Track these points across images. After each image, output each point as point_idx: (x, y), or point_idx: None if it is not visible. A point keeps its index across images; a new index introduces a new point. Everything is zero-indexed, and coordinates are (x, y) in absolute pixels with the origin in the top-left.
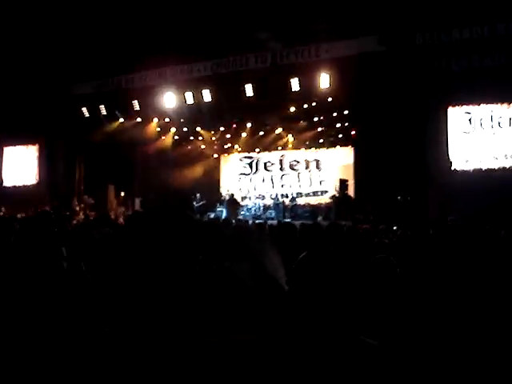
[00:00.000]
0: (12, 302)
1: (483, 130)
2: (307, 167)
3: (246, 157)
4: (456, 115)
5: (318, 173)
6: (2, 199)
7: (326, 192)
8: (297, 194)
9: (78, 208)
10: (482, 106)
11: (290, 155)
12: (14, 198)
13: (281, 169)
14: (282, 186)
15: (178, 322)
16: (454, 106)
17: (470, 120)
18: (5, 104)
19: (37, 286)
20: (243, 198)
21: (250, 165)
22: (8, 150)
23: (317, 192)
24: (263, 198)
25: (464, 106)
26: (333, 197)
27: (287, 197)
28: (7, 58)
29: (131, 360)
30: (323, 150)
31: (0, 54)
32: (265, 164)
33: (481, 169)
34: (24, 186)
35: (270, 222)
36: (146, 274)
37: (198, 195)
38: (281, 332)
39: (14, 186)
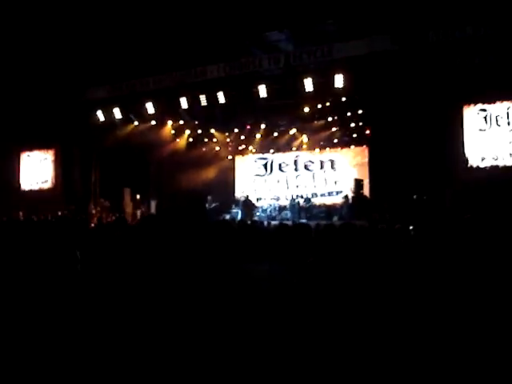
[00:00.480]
0: (26, 301)
1: (499, 127)
2: (322, 167)
3: (260, 158)
4: (471, 113)
5: (333, 173)
6: (20, 203)
7: (341, 192)
8: (312, 194)
9: (94, 211)
10: (498, 103)
11: (305, 156)
12: (31, 202)
13: (295, 169)
14: (297, 186)
15: (188, 319)
16: (469, 103)
17: (485, 117)
18: (21, 109)
19: (52, 288)
20: (258, 199)
21: (265, 166)
22: (25, 155)
23: (332, 192)
24: (278, 198)
25: (479, 104)
26: (345, 197)
27: (302, 197)
28: (23, 64)
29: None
30: (338, 150)
31: (16, 61)
32: (279, 165)
33: (497, 166)
34: (41, 190)
35: (285, 222)
36: (158, 274)
37: (209, 198)
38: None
39: (31, 190)
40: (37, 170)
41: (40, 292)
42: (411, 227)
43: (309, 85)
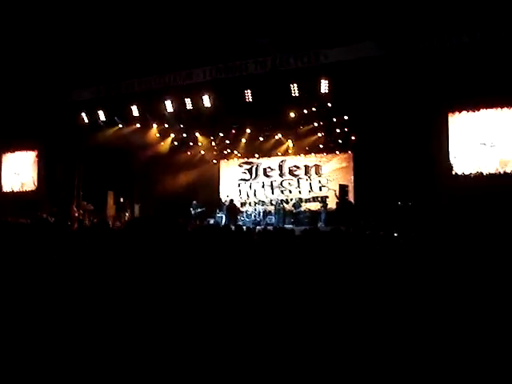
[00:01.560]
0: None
1: (484, 134)
2: (307, 173)
3: (245, 162)
4: (457, 119)
5: (318, 178)
6: (1, 205)
7: (327, 197)
8: (297, 199)
9: (76, 214)
10: (483, 110)
11: (290, 161)
12: (13, 205)
13: (280, 174)
14: (282, 191)
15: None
16: (454, 110)
17: (471, 124)
18: (3, 110)
19: (28, 292)
20: (243, 204)
21: (250, 170)
22: (6, 156)
23: (317, 197)
24: (263, 203)
25: (464, 111)
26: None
27: (287, 202)
28: (7, 64)
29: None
30: (323, 156)
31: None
32: (264, 170)
33: (482, 173)
34: (23, 192)
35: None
36: (137, 279)
37: (194, 202)
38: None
39: (13, 192)
40: (19, 171)
41: (13, 295)
42: (395, 234)
43: (295, 90)
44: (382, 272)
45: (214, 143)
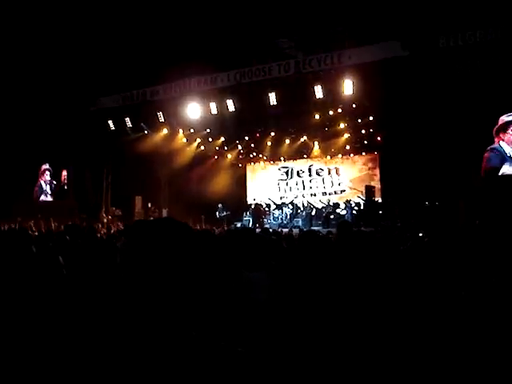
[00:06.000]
0: (14, 305)
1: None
2: (333, 174)
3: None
4: (484, 118)
5: (344, 179)
6: (36, 213)
7: (351, 199)
8: (327, 200)
9: (105, 220)
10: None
11: (317, 163)
12: (46, 212)
13: (310, 175)
14: (312, 194)
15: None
16: (481, 108)
17: (498, 123)
18: (35, 122)
19: (37, 290)
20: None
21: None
22: (41, 166)
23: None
24: (286, 205)
25: (492, 109)
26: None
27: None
28: (36, 77)
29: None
30: (349, 157)
31: (29, 74)
32: (296, 171)
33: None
34: (55, 200)
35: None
36: (145, 283)
37: (220, 205)
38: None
39: (46, 201)
40: (51, 180)
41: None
42: (420, 234)
43: (319, 92)
44: (403, 272)
45: (240, 147)
